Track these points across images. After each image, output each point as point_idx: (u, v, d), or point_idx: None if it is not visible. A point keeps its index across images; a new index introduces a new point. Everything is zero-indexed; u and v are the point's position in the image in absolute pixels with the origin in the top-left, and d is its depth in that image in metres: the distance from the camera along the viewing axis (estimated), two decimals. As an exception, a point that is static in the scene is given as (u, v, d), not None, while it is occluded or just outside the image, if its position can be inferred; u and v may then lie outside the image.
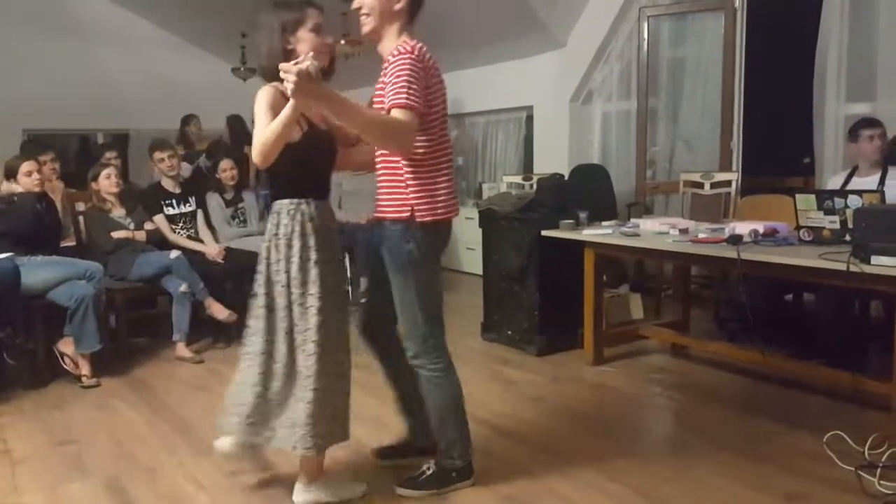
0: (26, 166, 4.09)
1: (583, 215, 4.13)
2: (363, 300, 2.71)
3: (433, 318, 2.44)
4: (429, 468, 2.59)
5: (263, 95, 2.27)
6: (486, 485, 2.62)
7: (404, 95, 2.16)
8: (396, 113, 2.17)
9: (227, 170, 5.15)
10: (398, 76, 2.19)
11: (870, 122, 3.94)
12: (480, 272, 4.84)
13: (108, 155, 5.60)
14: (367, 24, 2.33)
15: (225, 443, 2.57)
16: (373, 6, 2.31)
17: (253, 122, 2.22)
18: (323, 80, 2.12)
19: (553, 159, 6.28)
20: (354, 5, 2.34)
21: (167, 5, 7.86)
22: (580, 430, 3.18)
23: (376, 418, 3.20)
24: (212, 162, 6.39)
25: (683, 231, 3.61)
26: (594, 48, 6.04)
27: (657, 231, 3.76)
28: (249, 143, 2.39)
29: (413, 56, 2.22)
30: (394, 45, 2.30)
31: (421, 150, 2.33)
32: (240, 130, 7.11)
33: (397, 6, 2.32)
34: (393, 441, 2.86)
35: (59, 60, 7.85)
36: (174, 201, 4.87)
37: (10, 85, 7.37)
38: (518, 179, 6.12)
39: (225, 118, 7.30)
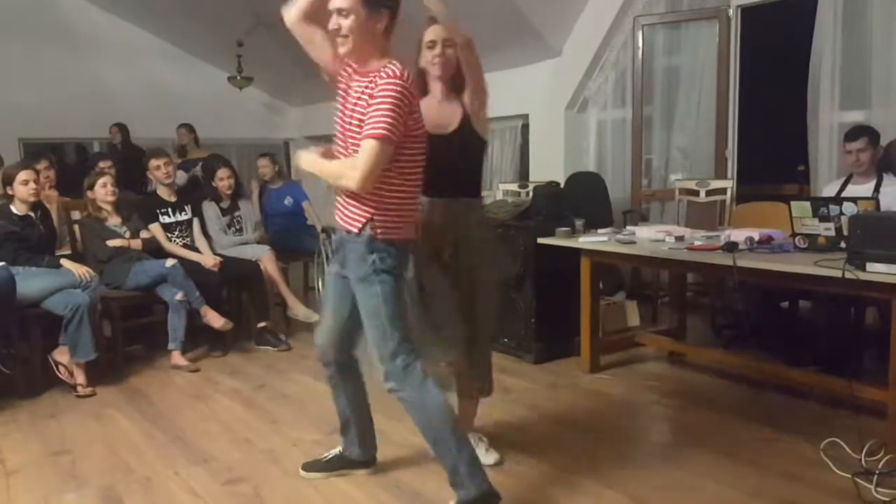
0: (23, 175, 4.08)
1: (579, 223, 4.13)
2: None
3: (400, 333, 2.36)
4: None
5: None
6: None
7: (384, 125, 2.15)
8: (370, 143, 2.17)
9: (224, 178, 5.15)
10: (383, 101, 2.16)
11: (852, 135, 3.89)
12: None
13: (102, 164, 5.60)
14: (346, 46, 2.27)
15: None
16: (352, 27, 2.23)
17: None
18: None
19: (549, 167, 6.30)
20: (331, 26, 2.29)
21: (163, 15, 7.88)
22: (577, 437, 3.17)
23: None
24: (207, 172, 6.41)
25: (679, 238, 3.62)
26: (589, 57, 6.06)
27: (653, 238, 3.76)
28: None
29: (402, 82, 2.18)
30: (378, 65, 2.26)
31: (394, 170, 2.28)
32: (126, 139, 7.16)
33: (380, 25, 2.26)
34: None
35: (55, 70, 7.86)
36: (170, 210, 4.86)
37: (6, 94, 7.38)
38: (514, 187, 6.13)
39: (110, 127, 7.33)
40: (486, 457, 2.83)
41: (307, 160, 2.42)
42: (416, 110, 2.28)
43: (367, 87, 2.26)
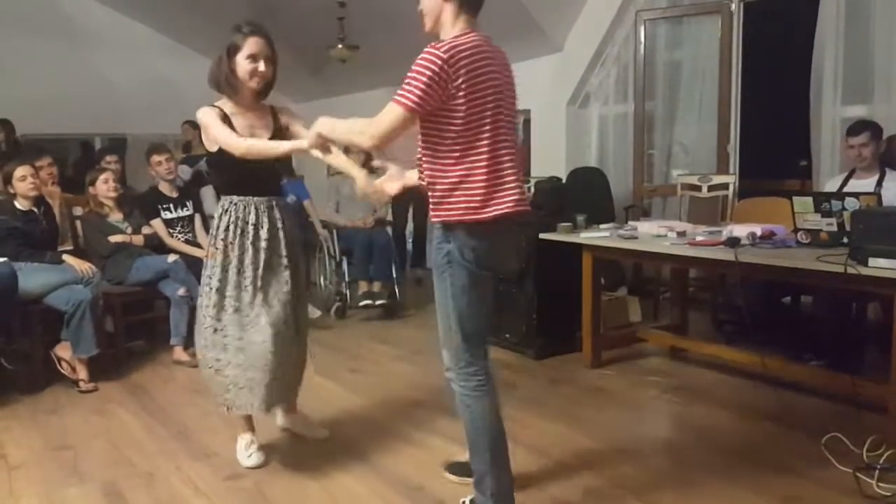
0: (20, 171, 4.08)
1: (580, 218, 4.13)
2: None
3: (465, 330, 2.27)
4: (466, 502, 2.43)
5: (211, 114, 2.77)
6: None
7: (403, 92, 2.13)
8: (389, 106, 2.16)
9: None
10: (410, 73, 2.14)
11: (855, 129, 3.89)
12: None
13: (109, 159, 5.60)
14: (426, 25, 2.31)
15: None
16: (425, 5, 2.29)
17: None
18: (259, 98, 2.88)
19: (550, 163, 6.28)
20: (419, 8, 2.33)
21: (164, 9, 7.86)
22: (578, 432, 3.17)
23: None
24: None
25: (681, 234, 3.61)
26: (591, 52, 6.05)
27: (655, 234, 3.76)
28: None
29: (434, 52, 2.12)
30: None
31: (445, 151, 2.20)
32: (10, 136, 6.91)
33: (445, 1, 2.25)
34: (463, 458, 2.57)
35: (55, 64, 7.84)
36: (171, 205, 4.86)
37: (6, 89, 7.35)
38: (515, 183, 6.11)
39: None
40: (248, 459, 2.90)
41: (321, 125, 2.39)
42: (462, 86, 2.13)
43: None
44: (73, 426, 3.44)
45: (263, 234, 2.79)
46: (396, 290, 5.68)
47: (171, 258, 4.42)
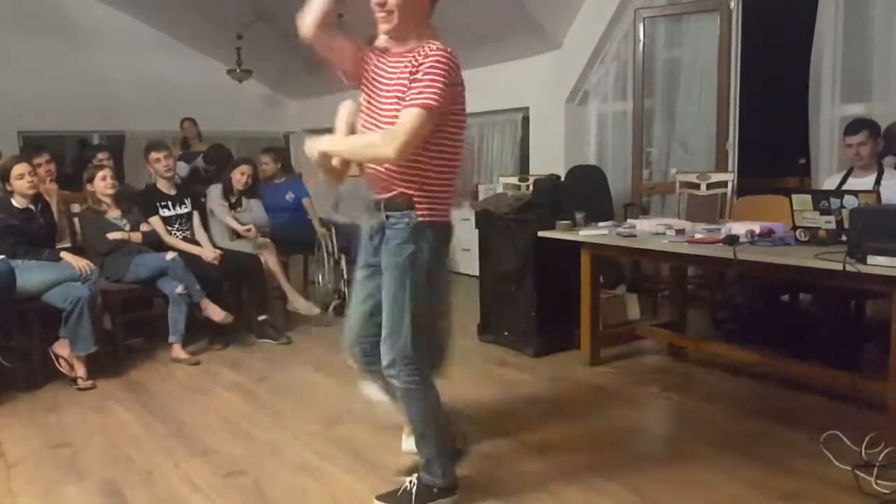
0: (18, 169, 4.06)
1: (579, 216, 4.13)
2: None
3: (417, 327, 2.29)
4: (411, 483, 2.47)
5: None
6: (482, 486, 2.62)
7: (427, 94, 2.10)
8: (412, 112, 2.11)
9: (244, 174, 5.14)
10: (430, 72, 2.11)
11: (852, 128, 3.88)
12: (477, 273, 4.86)
13: (101, 156, 5.58)
14: (389, 22, 2.19)
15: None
16: (398, 3, 2.16)
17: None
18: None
19: (549, 160, 6.29)
20: (375, 1, 2.20)
21: (163, 7, 7.86)
22: (577, 430, 3.17)
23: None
24: (210, 164, 6.40)
25: (680, 231, 3.61)
26: (590, 49, 6.05)
27: (653, 231, 3.76)
28: None
29: (449, 55, 2.15)
30: (416, 43, 2.20)
31: (439, 152, 2.24)
32: None
33: (425, 3, 2.22)
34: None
35: (54, 62, 7.84)
36: (170, 203, 4.84)
37: (5, 87, 7.36)
38: (514, 181, 6.13)
39: None
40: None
41: (324, 143, 2.31)
42: (461, 90, 2.24)
43: (407, 65, 2.19)
44: (71, 424, 3.44)
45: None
46: (395, 289, 5.65)
47: (170, 256, 4.41)
